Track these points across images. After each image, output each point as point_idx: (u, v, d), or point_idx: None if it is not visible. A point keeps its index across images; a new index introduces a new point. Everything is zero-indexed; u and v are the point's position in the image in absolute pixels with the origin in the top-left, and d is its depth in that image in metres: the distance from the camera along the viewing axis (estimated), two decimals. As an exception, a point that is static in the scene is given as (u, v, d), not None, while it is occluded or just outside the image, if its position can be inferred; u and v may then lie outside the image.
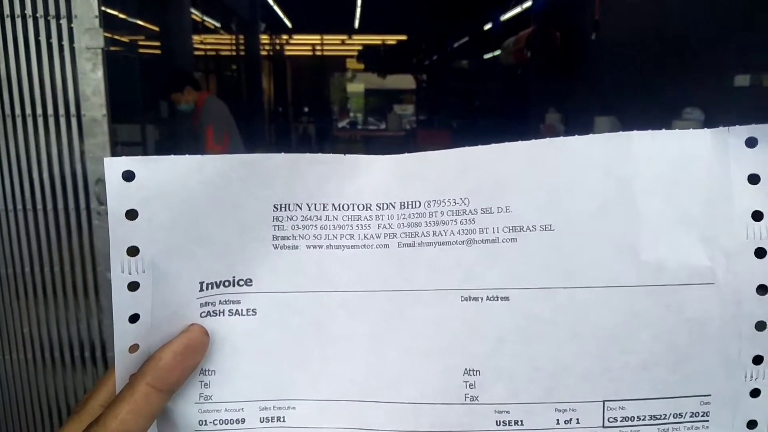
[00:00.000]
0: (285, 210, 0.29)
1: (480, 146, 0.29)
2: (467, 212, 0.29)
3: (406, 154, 0.30)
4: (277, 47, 11.04)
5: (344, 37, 11.48)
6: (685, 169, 0.28)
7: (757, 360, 0.28)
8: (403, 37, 10.97)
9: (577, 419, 0.29)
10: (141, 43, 4.86)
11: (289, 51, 11.80)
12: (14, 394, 1.57)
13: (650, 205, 0.28)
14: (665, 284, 0.28)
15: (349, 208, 0.29)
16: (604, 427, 0.29)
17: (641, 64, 3.59)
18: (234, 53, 7.94)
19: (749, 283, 0.28)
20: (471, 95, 9.76)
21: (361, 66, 12.36)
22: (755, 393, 0.29)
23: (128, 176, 0.27)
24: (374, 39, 11.44)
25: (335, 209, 0.29)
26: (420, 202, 0.29)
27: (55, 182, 1.42)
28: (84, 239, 1.46)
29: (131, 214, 0.27)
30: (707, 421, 0.29)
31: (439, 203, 0.29)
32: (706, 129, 0.28)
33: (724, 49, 2.72)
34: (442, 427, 0.29)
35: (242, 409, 0.29)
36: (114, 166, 0.27)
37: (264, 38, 9.32)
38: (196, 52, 5.74)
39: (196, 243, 0.28)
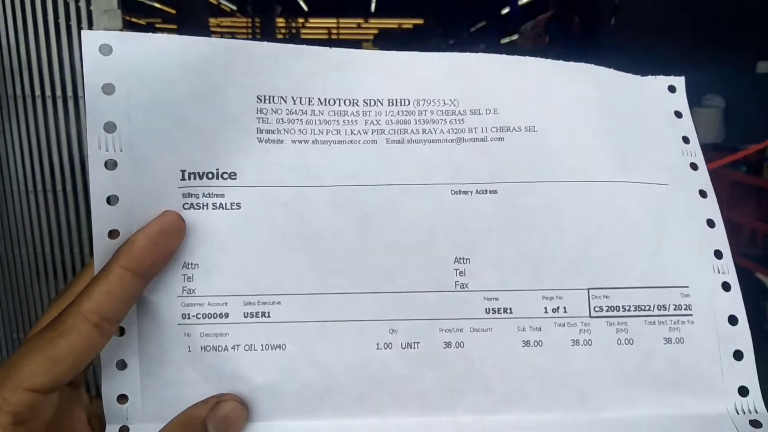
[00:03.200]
0: (269, 102, 0.29)
1: (468, 53, 0.31)
2: (456, 113, 0.30)
3: (393, 52, 0.31)
4: (293, 30, 11.01)
5: (360, 20, 11.43)
6: (639, 101, 0.33)
7: (718, 254, 0.31)
8: (420, 21, 10.90)
9: (564, 307, 0.29)
10: (158, 25, 4.87)
11: (305, 34, 11.77)
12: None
13: (612, 124, 0.32)
14: (634, 181, 0.31)
15: (335, 102, 0.30)
16: (591, 316, 0.29)
17: (660, 50, 3.54)
18: (250, 36, 7.93)
19: (691, 189, 0.32)
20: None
21: (377, 50, 12.29)
22: (726, 287, 0.30)
23: (106, 50, 0.27)
24: (390, 22, 11.37)
25: (321, 104, 0.30)
26: (409, 101, 0.30)
27: (75, 163, 1.44)
28: (102, 220, 1.48)
29: (108, 89, 0.27)
30: (690, 315, 0.30)
31: (429, 102, 0.30)
32: (646, 77, 0.34)
33: (746, 34, 2.67)
34: (433, 315, 0.29)
35: (226, 303, 0.29)
36: (91, 39, 0.27)
37: (280, 21, 9.29)
38: (213, 35, 5.74)
39: (176, 127, 0.28)
